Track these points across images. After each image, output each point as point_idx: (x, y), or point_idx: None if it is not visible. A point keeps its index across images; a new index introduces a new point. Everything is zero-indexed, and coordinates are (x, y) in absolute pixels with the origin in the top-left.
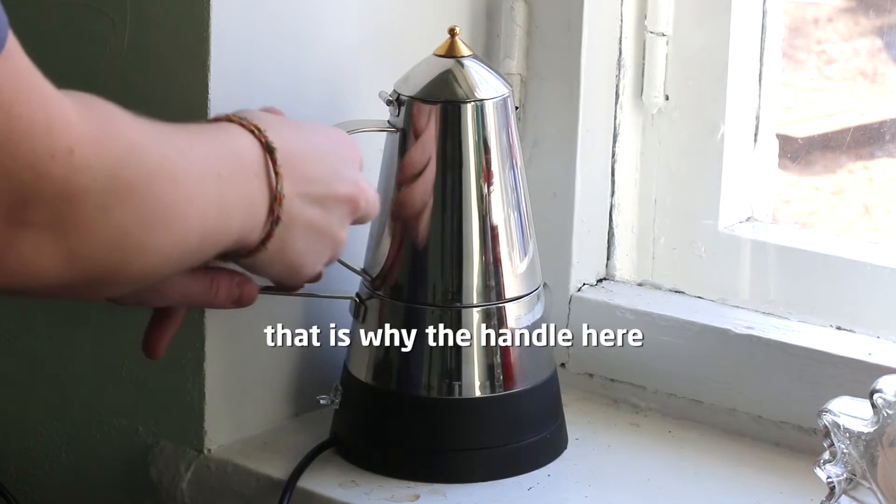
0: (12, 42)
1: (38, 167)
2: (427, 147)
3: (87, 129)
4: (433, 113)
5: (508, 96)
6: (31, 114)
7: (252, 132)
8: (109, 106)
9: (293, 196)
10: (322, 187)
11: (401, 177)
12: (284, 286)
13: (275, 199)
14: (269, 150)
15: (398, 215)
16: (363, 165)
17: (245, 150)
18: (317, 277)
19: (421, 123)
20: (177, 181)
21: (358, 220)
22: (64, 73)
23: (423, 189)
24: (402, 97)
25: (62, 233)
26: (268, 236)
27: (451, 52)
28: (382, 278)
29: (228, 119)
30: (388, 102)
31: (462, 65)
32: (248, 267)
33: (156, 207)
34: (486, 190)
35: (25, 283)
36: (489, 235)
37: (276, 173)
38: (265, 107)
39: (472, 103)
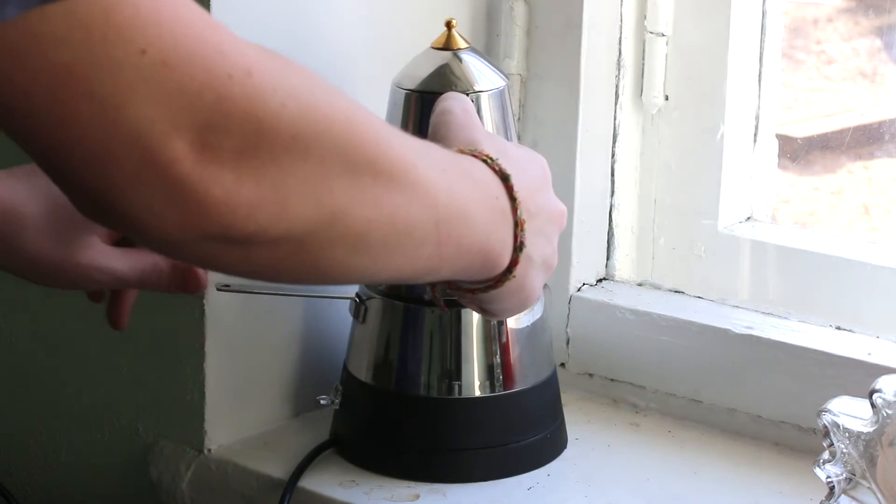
0: None
1: (217, 87)
2: None
3: (263, 56)
4: (431, 106)
5: (505, 88)
6: (199, 33)
7: (485, 161)
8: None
9: (528, 225)
10: (545, 213)
11: None
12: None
13: (517, 225)
14: (503, 177)
15: None
16: None
17: (479, 174)
18: None
19: (419, 117)
20: (389, 139)
21: None
22: None
23: None
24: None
25: (260, 162)
26: (513, 263)
27: (448, 44)
28: None
29: (459, 151)
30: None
31: (459, 58)
32: (486, 301)
33: (359, 154)
34: None
35: (242, 229)
36: None
37: (515, 199)
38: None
39: (470, 95)
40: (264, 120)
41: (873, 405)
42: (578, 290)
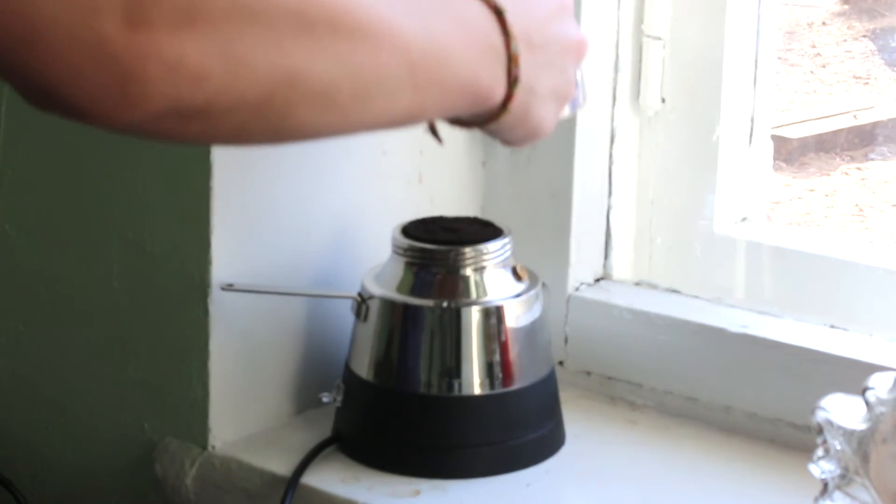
0: None
1: None
2: None
3: None
4: None
5: None
6: None
7: None
8: None
9: (528, 57)
10: (556, 44)
11: None
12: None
13: (510, 59)
14: (497, 11)
15: None
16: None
17: (468, 12)
18: None
19: None
20: None
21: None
22: None
23: None
24: None
25: (200, 32)
26: (508, 98)
27: None
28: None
29: None
30: None
31: None
32: (493, 133)
33: (311, 12)
34: None
35: (191, 100)
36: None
37: (507, 34)
38: None
39: None
40: None
41: (866, 403)
42: (577, 289)
